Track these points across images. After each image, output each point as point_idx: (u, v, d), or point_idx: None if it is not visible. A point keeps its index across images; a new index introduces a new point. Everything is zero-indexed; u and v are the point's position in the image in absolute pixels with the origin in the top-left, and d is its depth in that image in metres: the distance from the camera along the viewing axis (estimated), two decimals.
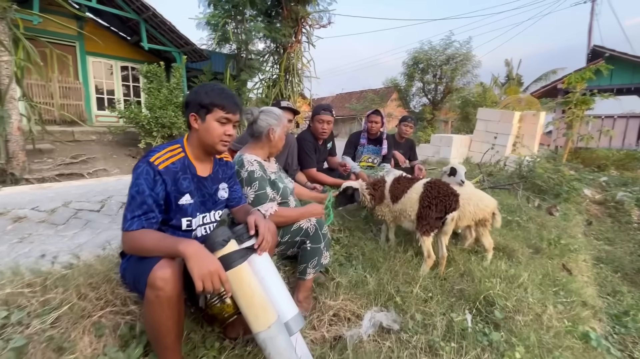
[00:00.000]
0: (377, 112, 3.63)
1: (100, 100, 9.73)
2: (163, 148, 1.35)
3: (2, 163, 5.13)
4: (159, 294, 1.12)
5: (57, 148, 6.78)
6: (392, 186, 2.52)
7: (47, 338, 1.10)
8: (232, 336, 1.55)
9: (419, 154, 8.21)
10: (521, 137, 7.76)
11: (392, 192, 2.49)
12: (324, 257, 1.87)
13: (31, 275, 1.41)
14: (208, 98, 1.34)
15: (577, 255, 3.11)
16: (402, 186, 2.49)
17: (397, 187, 2.50)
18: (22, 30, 5.22)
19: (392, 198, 2.49)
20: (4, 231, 2.37)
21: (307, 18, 9.35)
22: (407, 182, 2.49)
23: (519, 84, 21.04)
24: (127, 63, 10.09)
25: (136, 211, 1.21)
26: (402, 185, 2.49)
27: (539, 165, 5.58)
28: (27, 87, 7.10)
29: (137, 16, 8.52)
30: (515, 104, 12.86)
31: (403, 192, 2.43)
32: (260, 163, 1.89)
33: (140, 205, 1.22)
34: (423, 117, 16.19)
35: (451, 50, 14.78)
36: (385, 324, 1.65)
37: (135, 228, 1.20)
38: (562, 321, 1.90)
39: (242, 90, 8.84)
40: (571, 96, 7.44)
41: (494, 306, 1.89)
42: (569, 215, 4.46)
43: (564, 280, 2.43)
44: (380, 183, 2.57)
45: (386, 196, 2.52)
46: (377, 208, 2.58)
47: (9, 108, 5.08)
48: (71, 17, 8.15)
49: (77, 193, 3.39)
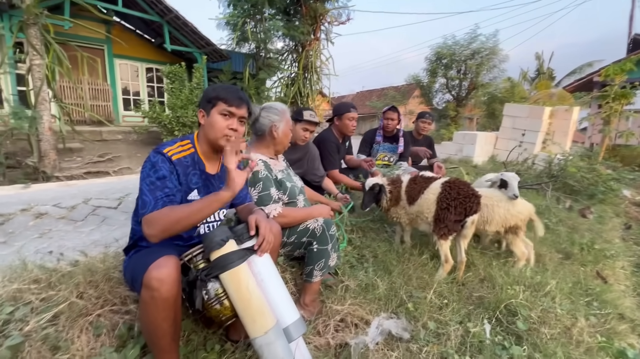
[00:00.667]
0: (394, 108, 3.50)
1: (127, 101, 10.11)
2: (174, 143, 1.35)
3: (35, 161, 5.41)
4: (154, 295, 1.09)
5: (85, 147, 7.10)
6: (409, 187, 2.37)
7: (43, 336, 1.10)
8: (234, 339, 1.51)
9: (441, 152, 7.97)
10: (552, 133, 7.30)
11: (409, 193, 2.35)
12: (331, 259, 1.79)
13: (39, 271, 1.43)
14: (214, 92, 1.35)
15: (613, 261, 2.85)
16: (418, 186, 2.33)
17: (413, 187, 2.34)
18: (52, 35, 5.49)
19: (409, 199, 2.34)
20: (26, 227, 2.47)
21: (326, 15, 9.25)
22: (424, 182, 2.34)
23: (550, 78, 19.95)
24: (152, 64, 10.41)
25: (158, 193, 1.20)
26: (419, 185, 2.33)
27: (571, 164, 5.21)
28: (59, 89, 7.49)
29: (160, 19, 8.76)
30: (546, 99, 12.17)
31: (419, 193, 2.28)
32: (265, 162, 1.84)
33: (162, 187, 1.21)
34: (446, 114, 15.71)
35: (476, 45, 14.23)
36: (395, 333, 1.55)
37: (160, 207, 1.17)
38: (595, 335, 1.71)
39: (261, 89, 8.88)
40: (609, 89, 6.90)
41: (516, 316, 1.74)
42: (604, 217, 4.13)
43: (598, 289, 2.21)
44: (397, 183, 2.43)
45: (402, 197, 2.38)
46: (392, 210, 2.44)
47: (40, 109, 5.35)
48: (100, 21, 8.51)
49: (98, 190, 3.50)
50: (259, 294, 1.23)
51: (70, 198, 3.07)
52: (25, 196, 3.24)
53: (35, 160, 5.42)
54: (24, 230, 2.42)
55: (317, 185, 2.72)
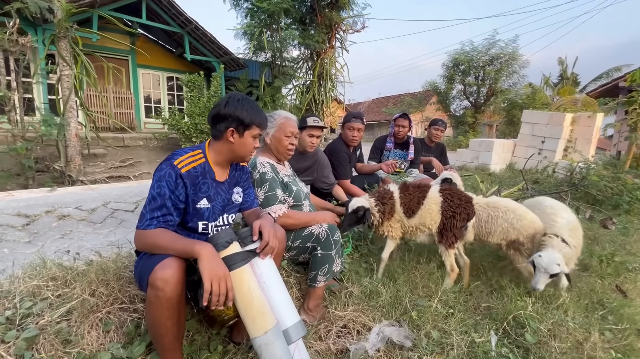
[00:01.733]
0: (405, 115, 3.50)
1: (148, 109, 10.53)
2: (185, 153, 1.39)
3: (62, 166, 5.72)
4: (158, 294, 1.14)
5: (109, 152, 7.43)
6: (405, 198, 2.21)
7: (57, 330, 1.17)
8: (237, 341, 1.55)
9: (457, 160, 7.84)
10: (574, 140, 7.05)
11: (407, 205, 2.19)
12: (335, 264, 1.81)
13: (57, 269, 1.52)
14: (249, 116, 1.39)
15: (635, 275, 2.70)
16: (414, 197, 2.20)
17: (409, 199, 2.20)
18: (81, 47, 5.84)
19: (407, 211, 2.19)
20: (50, 228, 2.61)
21: (341, 24, 9.39)
22: (419, 192, 2.22)
23: (574, 84, 19.29)
24: (172, 74, 10.83)
25: (155, 213, 1.26)
26: (414, 196, 2.20)
27: (594, 172, 5.00)
28: (85, 98, 7.91)
29: (181, 30, 9.13)
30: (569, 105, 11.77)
31: (419, 204, 2.17)
32: (272, 165, 1.89)
33: (160, 207, 1.26)
34: (464, 120, 15.44)
35: (495, 50, 14.00)
36: (397, 340, 1.54)
37: (152, 228, 1.24)
38: (609, 351, 1.64)
39: (277, 97, 9.07)
40: (635, 95, 6.61)
41: (525, 328, 1.69)
42: (629, 229, 3.92)
43: (615, 303, 2.11)
44: (388, 195, 2.24)
45: (397, 210, 2.21)
46: (385, 225, 2.23)
47: (68, 117, 5.67)
48: (125, 33, 8.96)
49: (117, 194, 3.66)
50: (260, 295, 1.27)
51: (91, 201, 3.23)
52: (50, 199, 3.43)
53: (62, 164, 5.73)
54: (48, 230, 2.57)
55: (327, 192, 2.73)
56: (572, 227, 2.20)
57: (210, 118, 1.43)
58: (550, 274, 1.84)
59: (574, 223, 2.26)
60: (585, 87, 17.74)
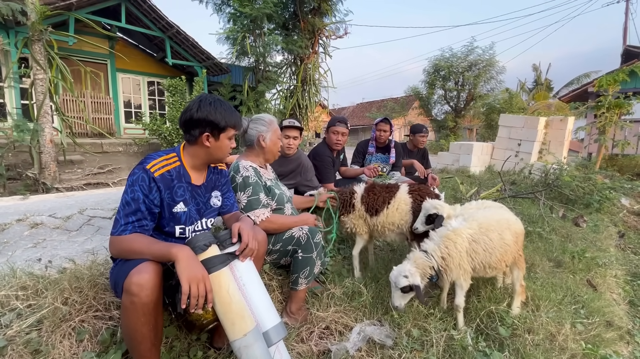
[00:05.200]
0: (386, 120, 3.58)
1: (129, 114, 10.28)
2: (159, 156, 1.37)
3: (35, 173, 5.49)
4: (133, 300, 1.12)
5: (86, 159, 7.19)
6: (366, 198, 2.27)
7: (26, 341, 1.12)
8: (218, 346, 1.53)
9: (438, 162, 8.01)
10: (548, 143, 7.35)
11: (368, 204, 2.25)
12: (316, 267, 1.82)
13: (27, 278, 1.46)
14: (223, 119, 1.38)
15: (605, 269, 2.84)
16: (379, 197, 2.24)
17: (373, 198, 2.24)
18: (56, 51, 5.66)
19: (369, 209, 2.24)
20: (21, 237, 2.50)
21: (324, 29, 9.49)
22: (386, 192, 2.26)
23: (548, 89, 20.16)
24: (154, 78, 10.64)
25: (130, 218, 1.24)
26: (380, 196, 2.24)
27: (567, 173, 5.24)
28: (61, 103, 7.66)
29: (162, 34, 9.00)
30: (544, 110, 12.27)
31: (384, 203, 2.20)
32: (255, 169, 1.89)
33: (135, 211, 1.24)
34: (446, 124, 15.82)
35: (473, 57, 14.46)
36: (378, 339, 1.56)
37: (127, 234, 1.22)
38: (580, 342, 1.72)
39: (260, 101, 9.04)
40: (602, 99, 6.98)
41: (499, 324, 1.74)
42: (600, 226, 4.12)
43: (586, 296, 2.21)
44: (349, 193, 2.34)
45: (357, 207, 2.28)
46: (347, 220, 2.32)
47: (42, 122, 5.46)
48: (103, 37, 8.76)
49: (94, 201, 3.55)
50: (240, 298, 1.26)
51: (67, 209, 3.12)
52: (22, 207, 3.29)
53: (35, 171, 5.50)
54: (18, 239, 2.46)
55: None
56: (448, 236, 1.78)
57: (183, 123, 1.39)
58: (401, 288, 1.64)
59: (458, 228, 1.81)
60: (558, 92, 18.57)
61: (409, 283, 1.63)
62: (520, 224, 1.94)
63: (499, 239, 1.78)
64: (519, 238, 1.89)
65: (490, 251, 1.75)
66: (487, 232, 1.77)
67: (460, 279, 1.75)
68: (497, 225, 1.81)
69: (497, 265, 1.79)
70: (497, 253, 1.76)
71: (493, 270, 1.82)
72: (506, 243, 1.79)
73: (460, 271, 1.73)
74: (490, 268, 1.79)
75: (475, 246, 1.75)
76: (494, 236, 1.77)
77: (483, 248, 1.75)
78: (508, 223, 1.85)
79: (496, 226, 1.81)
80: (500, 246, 1.77)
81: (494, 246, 1.76)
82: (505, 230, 1.82)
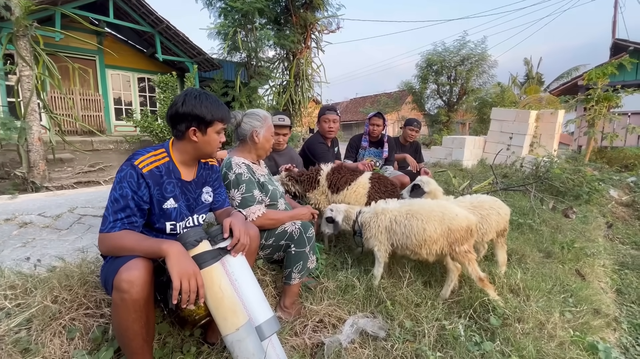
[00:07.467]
0: (379, 114, 3.58)
1: (119, 111, 10.13)
2: (147, 152, 1.35)
3: (24, 172, 5.40)
4: (124, 297, 1.11)
5: (76, 157, 7.09)
6: (331, 175, 2.48)
7: (15, 340, 1.11)
8: (211, 341, 1.53)
9: (431, 157, 8.06)
10: (538, 136, 7.44)
11: (331, 181, 2.46)
12: (310, 261, 1.82)
13: (15, 277, 1.44)
14: (209, 113, 1.36)
15: (593, 259, 2.90)
16: (343, 176, 2.47)
17: (337, 177, 2.47)
18: (42, 47, 5.53)
19: (331, 187, 2.46)
20: (10, 236, 2.47)
21: (316, 24, 9.42)
22: (349, 174, 2.49)
23: (539, 83, 20.36)
24: (144, 74, 10.48)
25: (119, 214, 1.22)
26: (343, 176, 2.48)
27: (557, 166, 5.31)
28: (50, 100, 7.51)
29: (152, 29, 8.85)
30: (535, 103, 12.39)
31: (346, 184, 2.43)
32: (248, 166, 1.88)
33: (124, 208, 1.23)
34: (439, 119, 15.90)
35: (465, 51, 14.50)
36: (371, 331, 1.57)
37: (117, 231, 1.20)
38: (568, 330, 1.75)
39: (253, 97, 8.96)
40: (592, 92, 7.07)
41: (490, 313, 1.77)
42: (589, 217, 4.20)
43: (575, 286, 2.25)
44: (315, 170, 2.55)
45: (322, 184, 2.48)
46: (311, 196, 2.52)
47: (30, 120, 5.36)
48: (91, 32, 8.58)
49: (85, 199, 3.51)
50: (232, 293, 1.26)
51: (56, 207, 3.08)
52: (11, 206, 3.23)
53: (24, 170, 5.41)
54: (7, 239, 2.42)
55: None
56: (377, 210, 2.09)
57: (169, 118, 1.38)
58: (325, 217, 2.19)
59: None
60: (549, 85, 18.75)
61: (331, 215, 2.13)
62: (466, 222, 1.90)
63: (419, 227, 1.90)
64: (455, 234, 1.88)
65: (408, 234, 1.92)
66: (410, 218, 1.94)
67: (375, 249, 2.02)
68: (426, 215, 1.91)
69: (416, 249, 1.93)
70: (414, 239, 1.90)
71: (414, 253, 1.96)
72: (427, 233, 1.87)
73: (376, 242, 2.01)
74: (409, 250, 1.97)
75: (395, 227, 1.97)
76: (415, 224, 1.91)
77: (402, 230, 1.94)
78: (443, 217, 1.89)
79: (424, 216, 1.91)
80: (418, 233, 1.89)
81: (412, 232, 1.91)
82: (434, 222, 1.88)
